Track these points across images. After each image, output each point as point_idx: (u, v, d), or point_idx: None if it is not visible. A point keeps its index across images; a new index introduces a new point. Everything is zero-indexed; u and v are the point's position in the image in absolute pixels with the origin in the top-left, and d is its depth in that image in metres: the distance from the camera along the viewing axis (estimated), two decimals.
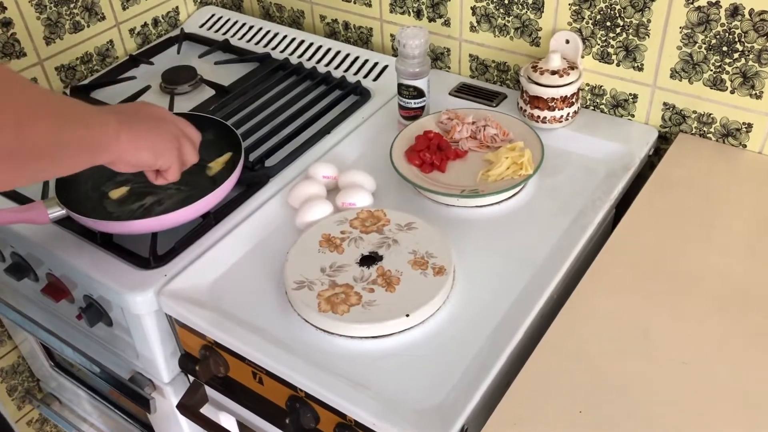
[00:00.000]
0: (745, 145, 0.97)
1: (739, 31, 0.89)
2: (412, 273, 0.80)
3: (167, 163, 0.76)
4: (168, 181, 0.79)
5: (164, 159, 0.75)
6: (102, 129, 0.67)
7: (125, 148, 0.70)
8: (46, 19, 1.17)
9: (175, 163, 0.77)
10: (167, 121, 0.77)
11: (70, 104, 0.65)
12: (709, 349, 0.72)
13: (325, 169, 0.95)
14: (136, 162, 0.73)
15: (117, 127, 0.69)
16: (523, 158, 0.91)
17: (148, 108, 0.77)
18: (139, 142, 0.72)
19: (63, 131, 0.62)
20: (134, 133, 0.71)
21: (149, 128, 0.74)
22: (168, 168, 0.77)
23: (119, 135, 0.69)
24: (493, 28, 1.09)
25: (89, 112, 0.67)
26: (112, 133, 0.68)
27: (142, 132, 0.72)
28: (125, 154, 0.70)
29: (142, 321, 0.86)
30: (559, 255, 0.84)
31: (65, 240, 0.90)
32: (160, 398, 0.98)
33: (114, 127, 0.68)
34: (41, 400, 1.39)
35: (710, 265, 0.81)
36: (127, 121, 0.71)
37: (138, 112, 0.75)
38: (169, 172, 0.78)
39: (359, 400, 0.70)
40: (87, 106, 0.67)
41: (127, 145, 0.70)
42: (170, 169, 0.78)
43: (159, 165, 0.76)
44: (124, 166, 0.72)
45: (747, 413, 0.66)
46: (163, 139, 0.75)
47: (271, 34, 1.31)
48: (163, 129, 0.76)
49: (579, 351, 0.73)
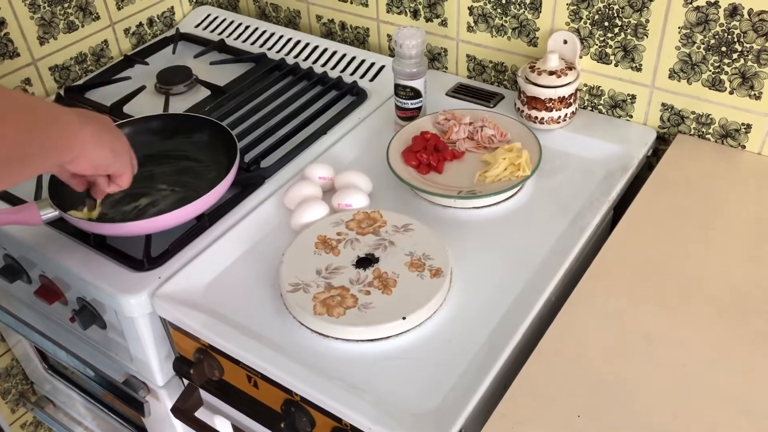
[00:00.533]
0: (744, 145, 0.96)
1: (738, 31, 0.88)
2: (409, 275, 0.79)
3: (123, 166, 0.76)
4: (120, 188, 0.79)
5: (121, 161, 0.76)
6: (66, 125, 0.67)
7: (88, 144, 0.70)
8: (40, 19, 1.16)
9: (129, 169, 0.78)
10: (116, 129, 0.77)
11: (32, 104, 0.64)
12: (709, 352, 0.72)
13: (321, 170, 0.94)
14: (97, 159, 0.72)
15: (79, 123, 0.69)
16: (521, 159, 0.91)
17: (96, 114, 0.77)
18: (100, 139, 0.72)
19: (29, 134, 0.61)
20: (95, 130, 0.71)
21: (105, 128, 0.74)
22: (122, 173, 0.77)
23: (83, 131, 0.69)
24: (491, 29, 1.08)
25: (51, 110, 0.66)
26: (76, 128, 0.68)
27: (102, 131, 0.72)
28: (88, 149, 0.70)
29: (136, 324, 0.85)
30: (557, 257, 0.83)
31: (58, 241, 0.89)
32: (155, 401, 0.97)
33: (77, 123, 0.68)
34: (35, 403, 1.38)
35: (710, 267, 0.80)
36: (88, 120, 0.71)
37: (94, 115, 0.74)
38: (123, 178, 0.78)
39: (355, 404, 0.69)
40: (48, 104, 0.67)
41: (90, 140, 0.70)
42: (124, 175, 0.78)
43: (116, 168, 0.76)
44: (84, 163, 0.71)
45: (747, 417, 0.66)
46: (120, 141, 0.76)
47: (267, 34, 1.30)
48: (117, 134, 0.76)
49: (577, 354, 0.72)
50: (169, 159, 0.98)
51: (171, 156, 0.98)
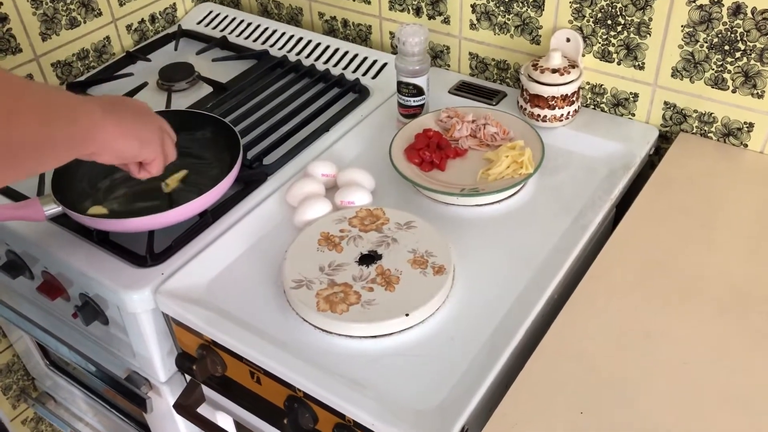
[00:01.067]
0: (747, 144, 0.96)
1: (741, 29, 0.88)
2: (412, 272, 0.79)
3: (152, 154, 0.74)
4: (151, 175, 0.78)
5: (149, 149, 0.74)
6: (88, 118, 0.65)
7: (111, 136, 0.68)
8: (42, 15, 1.16)
9: (159, 156, 0.76)
10: (150, 114, 0.76)
11: (53, 95, 0.63)
12: (710, 350, 0.72)
13: (324, 167, 0.94)
14: (122, 151, 0.71)
15: (102, 115, 0.67)
16: (524, 157, 0.91)
17: (130, 100, 0.76)
18: (125, 130, 0.70)
19: (49, 127, 0.60)
20: (119, 121, 0.69)
21: (134, 117, 0.72)
22: (152, 160, 0.75)
23: (105, 123, 0.67)
24: (493, 26, 1.08)
25: (73, 101, 0.65)
26: (98, 121, 0.66)
27: (127, 120, 0.71)
28: (111, 142, 0.68)
29: (138, 319, 0.85)
30: (560, 255, 0.83)
31: (61, 237, 0.90)
32: (157, 398, 0.97)
33: (99, 115, 0.67)
34: (36, 399, 1.38)
35: (711, 265, 0.81)
36: (112, 110, 0.69)
37: (121, 102, 0.73)
38: (153, 165, 0.76)
39: (358, 400, 0.69)
40: (70, 96, 0.66)
41: (112, 133, 0.68)
42: (154, 162, 0.76)
43: (144, 156, 0.74)
44: (109, 155, 0.70)
45: (748, 414, 0.66)
46: (148, 129, 0.74)
47: (269, 31, 1.30)
48: (147, 120, 0.74)
49: (580, 351, 0.72)
50: None
51: None
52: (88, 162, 0.92)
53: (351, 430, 0.72)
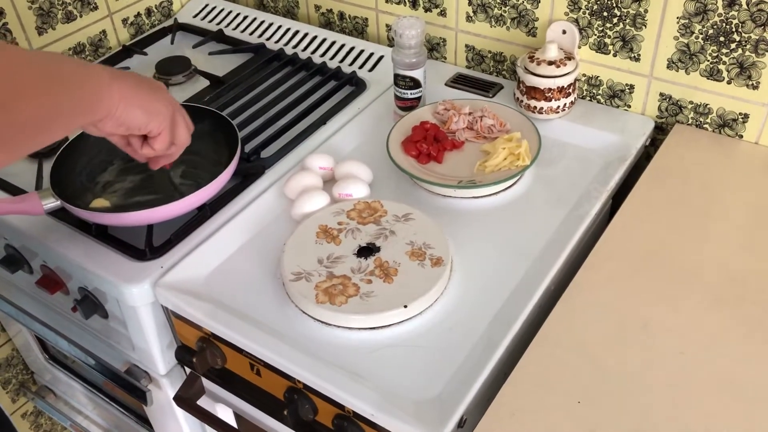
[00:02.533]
0: (742, 135, 0.97)
1: (736, 21, 0.89)
2: (410, 264, 0.79)
3: (159, 127, 0.71)
4: (155, 153, 0.74)
5: (156, 122, 0.70)
6: (94, 82, 0.63)
7: (117, 102, 0.66)
8: (38, 9, 1.16)
9: (166, 131, 0.72)
10: (164, 90, 0.73)
11: (58, 62, 0.61)
12: (707, 339, 0.72)
13: (322, 160, 0.94)
14: (127, 119, 0.68)
15: (109, 80, 0.65)
16: (520, 149, 0.91)
17: (143, 75, 0.73)
18: (132, 98, 0.68)
19: (55, 96, 0.58)
20: (127, 88, 0.67)
21: (143, 87, 0.69)
22: (158, 134, 0.72)
23: (111, 88, 0.65)
24: (490, 18, 1.08)
25: (79, 66, 0.63)
26: (104, 85, 0.64)
27: (135, 88, 0.68)
28: (117, 108, 0.66)
29: (138, 313, 0.86)
30: (557, 246, 0.84)
31: (60, 231, 0.90)
32: (157, 390, 0.98)
33: (106, 79, 0.65)
34: (36, 393, 1.38)
35: (707, 255, 0.81)
36: (120, 76, 0.67)
37: (132, 74, 0.71)
38: (158, 140, 0.72)
39: (358, 391, 0.70)
40: (75, 60, 0.64)
41: (118, 98, 0.66)
42: (160, 136, 0.72)
43: (150, 128, 0.70)
44: (113, 123, 0.67)
45: (744, 403, 0.67)
46: (157, 101, 0.71)
47: (266, 24, 1.30)
48: (159, 94, 0.72)
49: (577, 341, 0.73)
50: None
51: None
52: (87, 155, 0.94)
53: (350, 421, 0.73)
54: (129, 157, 0.83)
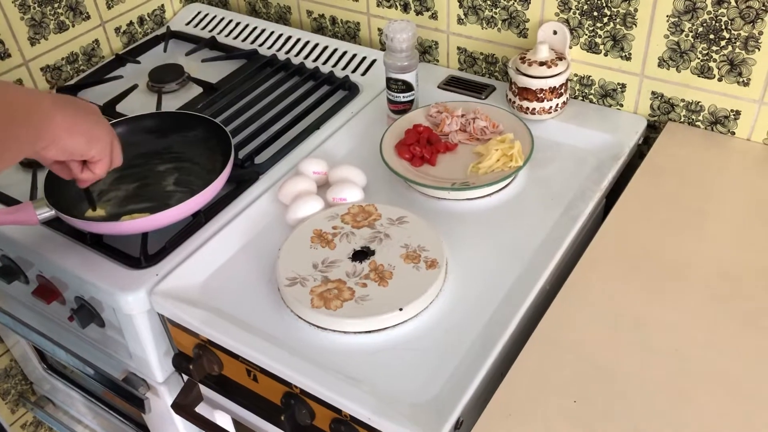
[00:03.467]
0: (734, 132, 0.97)
1: (725, 18, 0.89)
2: (405, 267, 0.80)
3: (100, 153, 0.73)
4: (95, 177, 0.77)
5: (97, 148, 0.73)
6: (39, 114, 0.65)
7: (60, 131, 0.68)
8: (30, 20, 1.16)
9: (107, 157, 0.75)
10: (99, 115, 0.75)
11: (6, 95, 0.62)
12: (702, 336, 0.73)
13: (315, 164, 0.94)
14: (70, 147, 0.70)
15: (51, 108, 0.67)
16: (513, 150, 0.91)
17: (80, 100, 0.75)
18: (74, 126, 0.69)
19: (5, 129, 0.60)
20: (69, 116, 0.69)
21: (85, 114, 0.71)
22: (99, 160, 0.74)
23: (54, 117, 0.67)
24: (481, 20, 1.09)
25: (24, 99, 0.64)
26: (48, 115, 0.66)
27: (78, 117, 0.70)
28: (59, 137, 0.68)
29: (134, 321, 0.86)
30: (551, 246, 0.84)
31: (55, 241, 0.90)
32: (155, 398, 0.98)
33: (50, 110, 0.66)
34: (35, 403, 1.38)
35: (701, 252, 0.81)
36: (61, 105, 0.69)
37: (73, 100, 0.72)
38: (99, 165, 0.75)
39: (354, 395, 0.70)
40: (20, 92, 0.65)
41: (61, 126, 0.68)
42: (101, 162, 0.75)
43: (92, 154, 0.73)
44: (56, 151, 0.69)
45: (739, 399, 0.67)
46: (98, 128, 0.73)
47: (258, 31, 1.31)
48: (97, 120, 0.74)
49: (572, 341, 0.73)
50: (163, 157, 0.98)
51: (165, 154, 0.98)
52: None
53: (348, 425, 0.73)
54: (123, 167, 0.83)
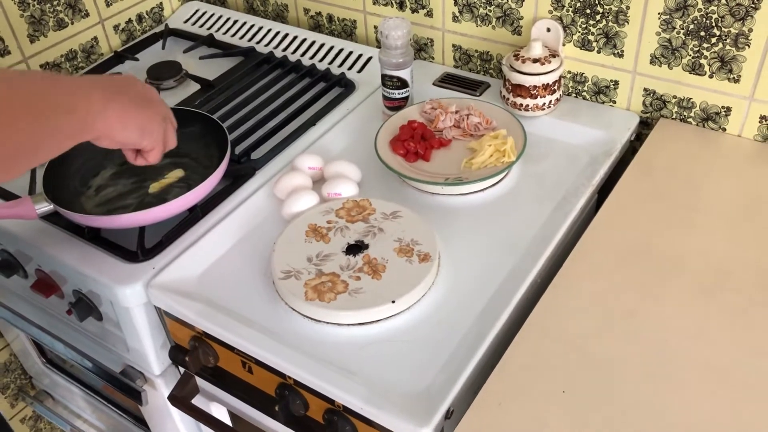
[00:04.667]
0: (725, 128, 0.98)
1: (716, 15, 0.90)
2: (398, 260, 0.81)
3: (152, 143, 0.75)
4: (148, 163, 0.78)
5: (150, 139, 0.74)
6: (86, 106, 0.65)
7: (112, 124, 0.68)
8: (30, 17, 1.18)
9: (159, 145, 0.76)
10: (155, 102, 0.75)
11: (50, 84, 0.63)
12: (691, 327, 0.74)
13: (311, 160, 0.95)
14: (122, 139, 0.71)
15: (103, 102, 0.67)
16: (506, 146, 0.92)
17: (137, 85, 0.74)
18: (127, 118, 0.70)
19: (44, 123, 0.60)
20: (121, 109, 0.69)
21: (138, 106, 0.72)
22: (151, 149, 0.76)
23: (106, 110, 0.67)
24: (475, 18, 1.10)
25: (71, 87, 0.64)
26: (97, 108, 0.66)
27: (130, 109, 0.70)
28: (111, 130, 0.68)
29: (131, 314, 0.87)
30: (543, 240, 0.85)
31: (53, 235, 0.91)
32: (152, 390, 0.99)
33: (99, 102, 0.66)
34: (34, 397, 1.39)
35: (691, 246, 0.82)
36: (114, 97, 0.69)
37: (127, 87, 0.72)
38: (152, 154, 0.76)
39: (347, 386, 0.71)
40: (69, 82, 0.65)
41: (114, 120, 0.68)
42: (153, 151, 0.76)
43: (144, 145, 0.74)
44: (109, 142, 0.70)
45: (726, 389, 0.68)
46: (151, 118, 0.73)
47: (255, 28, 1.32)
48: (152, 109, 0.74)
49: (562, 332, 0.74)
50: None
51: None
52: (79, 160, 0.95)
53: (341, 415, 0.74)
54: (121, 162, 0.84)
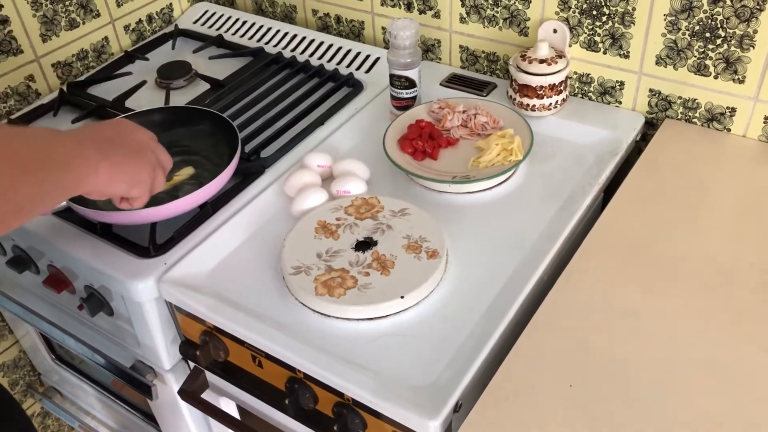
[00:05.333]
0: (730, 129, 0.99)
1: (721, 17, 0.91)
2: (406, 257, 0.82)
3: (139, 193, 0.75)
4: (132, 208, 0.78)
5: (138, 190, 0.74)
6: (82, 164, 0.66)
7: (102, 181, 0.69)
8: (42, 17, 1.19)
9: (146, 194, 0.77)
10: (147, 150, 0.75)
11: (47, 145, 0.63)
12: (694, 325, 0.74)
13: (320, 158, 0.97)
14: (110, 192, 0.72)
15: (96, 159, 0.67)
16: (513, 144, 0.93)
17: (131, 133, 0.75)
18: (117, 174, 0.70)
19: (45, 183, 0.61)
20: (113, 165, 0.70)
21: (129, 158, 0.72)
22: (136, 198, 0.76)
23: (98, 168, 0.68)
24: (483, 19, 1.11)
25: (68, 148, 0.65)
26: (91, 166, 0.67)
27: (121, 163, 0.71)
28: (101, 186, 0.69)
29: (143, 309, 0.88)
30: (549, 238, 0.86)
31: (66, 231, 0.92)
32: (162, 385, 1.00)
33: (94, 160, 0.67)
34: (43, 394, 1.40)
35: (696, 245, 0.83)
36: (107, 151, 0.69)
37: (120, 138, 0.73)
38: (138, 201, 0.77)
39: (356, 379, 0.72)
40: (68, 137, 0.66)
41: (104, 178, 0.69)
42: (138, 200, 0.77)
43: (131, 195, 0.75)
44: (96, 195, 0.71)
45: (729, 386, 0.68)
46: (141, 170, 0.74)
47: (264, 29, 1.33)
48: (143, 159, 0.74)
49: (569, 328, 0.75)
50: (172, 150, 0.99)
51: (173, 147, 1.00)
52: None
53: (350, 408, 0.75)
54: None
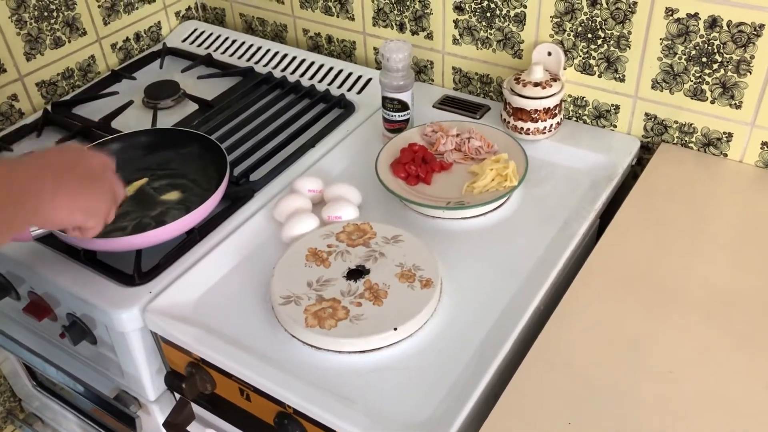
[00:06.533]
0: (726, 154, 0.98)
1: (717, 42, 0.90)
2: (400, 286, 0.79)
3: (94, 223, 0.74)
4: (84, 237, 0.76)
5: (93, 220, 0.73)
6: (37, 197, 0.65)
7: (59, 211, 0.68)
8: (27, 35, 1.17)
9: (100, 224, 0.75)
10: (103, 180, 0.74)
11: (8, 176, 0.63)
12: (696, 357, 0.73)
13: (311, 182, 0.94)
14: (67, 222, 0.71)
15: (53, 189, 0.66)
16: (508, 170, 0.92)
17: (88, 161, 0.73)
18: (74, 204, 0.69)
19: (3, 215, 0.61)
20: (70, 194, 0.68)
21: (86, 188, 0.71)
22: (90, 228, 0.74)
23: (55, 198, 0.67)
24: (476, 41, 1.10)
25: (24, 181, 0.64)
26: (48, 197, 0.66)
27: (79, 192, 0.70)
28: (58, 216, 0.68)
29: (127, 338, 0.85)
30: (545, 265, 0.84)
31: (48, 257, 0.89)
32: (146, 416, 0.97)
33: (49, 192, 0.66)
34: (23, 420, 1.37)
35: (694, 272, 0.82)
36: (64, 180, 0.68)
37: (77, 167, 0.71)
38: (91, 231, 0.75)
39: (348, 415, 0.69)
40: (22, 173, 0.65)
41: (60, 208, 0.68)
42: (91, 230, 0.75)
43: (87, 225, 0.73)
44: (52, 226, 0.70)
45: (733, 419, 0.67)
46: (98, 199, 0.72)
47: (254, 48, 1.31)
48: (99, 189, 0.73)
49: (567, 362, 0.73)
50: (158, 174, 0.98)
51: (160, 171, 0.98)
52: None
53: None
54: None
